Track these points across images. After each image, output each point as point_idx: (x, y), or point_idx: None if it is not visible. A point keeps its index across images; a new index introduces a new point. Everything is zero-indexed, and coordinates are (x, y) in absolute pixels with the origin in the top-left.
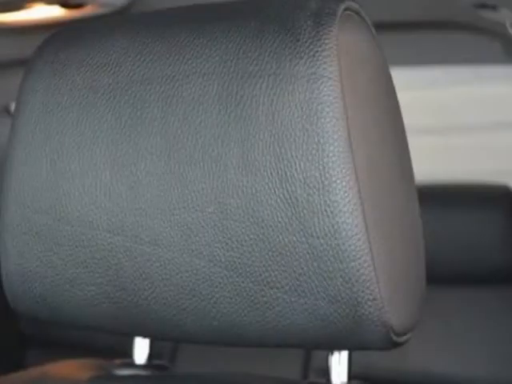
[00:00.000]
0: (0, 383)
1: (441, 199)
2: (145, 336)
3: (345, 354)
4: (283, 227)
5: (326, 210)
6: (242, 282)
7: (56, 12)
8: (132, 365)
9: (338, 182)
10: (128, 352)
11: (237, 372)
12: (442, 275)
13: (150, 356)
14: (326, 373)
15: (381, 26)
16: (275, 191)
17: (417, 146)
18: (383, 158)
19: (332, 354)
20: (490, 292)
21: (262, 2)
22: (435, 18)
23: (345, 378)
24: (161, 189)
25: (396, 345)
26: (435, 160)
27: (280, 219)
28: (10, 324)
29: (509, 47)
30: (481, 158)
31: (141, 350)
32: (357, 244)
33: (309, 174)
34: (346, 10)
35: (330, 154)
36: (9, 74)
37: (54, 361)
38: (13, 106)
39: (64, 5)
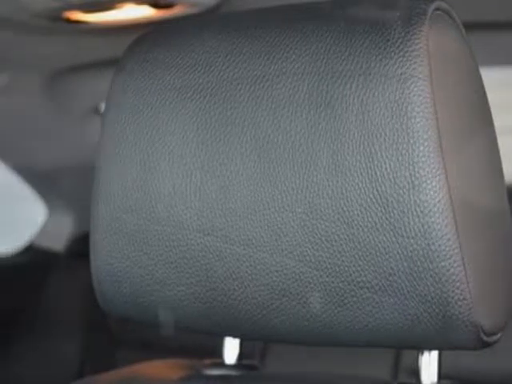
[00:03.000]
0: (91, 382)
1: None
2: (235, 336)
3: (434, 354)
4: (373, 227)
5: (416, 210)
6: (332, 282)
7: (146, 12)
8: (222, 365)
9: (428, 181)
10: (217, 352)
11: (326, 372)
12: None
13: (240, 356)
14: (415, 373)
15: (469, 26)
16: (365, 191)
17: (505, 146)
18: (473, 157)
19: (422, 354)
20: None
21: (351, 2)
22: None
23: (435, 378)
24: (251, 189)
25: (486, 345)
26: None
27: (370, 219)
28: (100, 324)
29: None
30: None
31: (231, 349)
32: (447, 244)
33: (399, 173)
34: (436, 9)
35: (420, 154)
36: (98, 75)
37: (144, 360)
38: (102, 107)
39: (154, 5)
